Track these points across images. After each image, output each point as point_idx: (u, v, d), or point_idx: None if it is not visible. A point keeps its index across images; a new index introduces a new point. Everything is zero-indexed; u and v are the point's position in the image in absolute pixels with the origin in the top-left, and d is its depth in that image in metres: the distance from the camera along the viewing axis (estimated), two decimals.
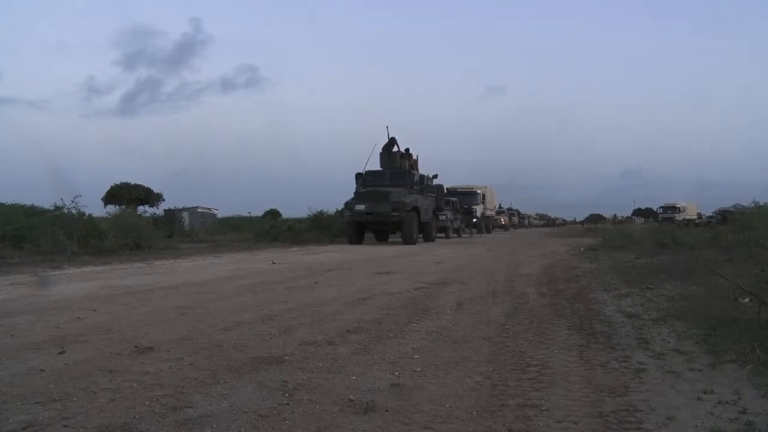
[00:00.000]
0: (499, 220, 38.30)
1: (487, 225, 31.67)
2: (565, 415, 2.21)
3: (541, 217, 73.97)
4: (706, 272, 6.07)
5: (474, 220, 27.69)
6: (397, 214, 16.57)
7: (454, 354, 3.17)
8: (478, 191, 29.41)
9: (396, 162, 18.69)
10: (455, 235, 23.30)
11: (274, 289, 5.95)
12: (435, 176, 20.01)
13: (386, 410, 2.25)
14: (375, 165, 18.86)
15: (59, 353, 3.07)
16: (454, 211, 23.21)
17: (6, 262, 8.61)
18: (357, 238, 17.34)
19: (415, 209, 17.42)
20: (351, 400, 2.36)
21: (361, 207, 16.86)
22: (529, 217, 59.63)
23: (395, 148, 19.05)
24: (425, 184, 18.98)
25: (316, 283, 6.55)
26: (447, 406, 2.31)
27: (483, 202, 29.70)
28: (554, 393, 2.47)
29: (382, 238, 19.38)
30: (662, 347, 3.29)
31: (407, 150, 19.38)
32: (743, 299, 4.24)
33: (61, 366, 2.81)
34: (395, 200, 16.65)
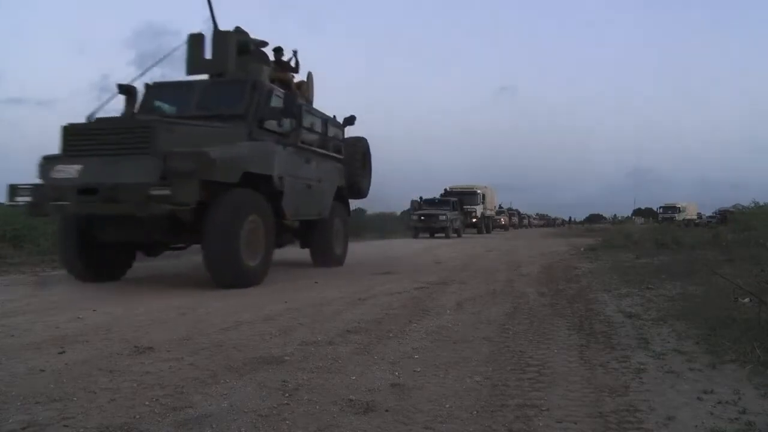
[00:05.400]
0: (499, 220, 38.32)
1: (487, 225, 31.67)
2: (565, 415, 2.21)
3: (541, 217, 74.04)
4: (706, 272, 6.07)
5: (474, 220, 27.72)
6: (166, 192, 5.15)
7: (454, 354, 3.17)
8: (478, 191, 29.39)
9: (224, 58, 7.07)
10: (455, 235, 23.30)
11: (274, 289, 5.95)
12: (351, 120, 9.15)
13: (386, 410, 2.25)
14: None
15: (59, 353, 3.06)
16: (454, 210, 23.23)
17: (6, 262, 8.61)
18: (81, 266, 6.22)
19: (265, 181, 6.45)
20: (351, 400, 2.36)
21: (68, 171, 5.45)
22: (529, 217, 59.67)
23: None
24: (326, 135, 8.38)
25: (316, 282, 6.55)
26: (447, 406, 2.31)
27: (483, 202, 29.70)
28: (554, 393, 2.47)
29: (150, 253, 7.10)
30: (662, 347, 3.29)
31: (278, 50, 8.25)
32: (743, 299, 4.24)
33: (61, 366, 2.81)
34: (170, 150, 5.31)
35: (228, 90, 6.92)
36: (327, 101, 8.53)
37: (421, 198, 24.44)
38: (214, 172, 5.49)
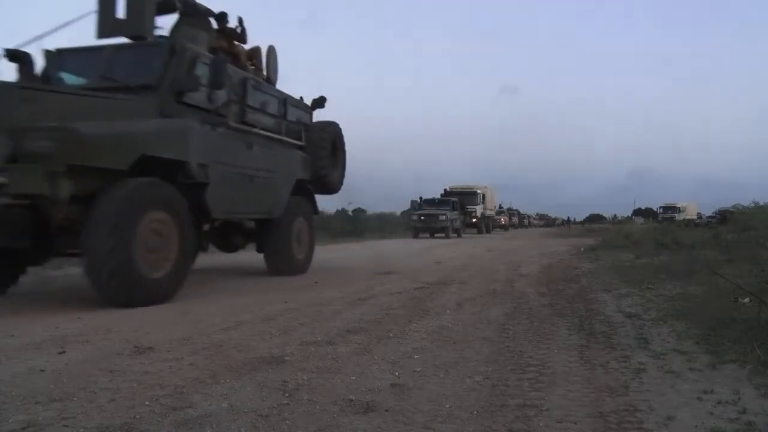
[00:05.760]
0: (499, 220, 38.35)
1: (487, 225, 31.69)
2: (565, 415, 2.21)
3: (541, 217, 74.09)
4: (706, 272, 6.07)
5: (474, 220, 27.75)
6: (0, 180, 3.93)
7: (454, 354, 3.17)
8: (478, 191, 29.42)
9: (140, 18, 5.49)
10: (455, 235, 23.31)
11: (274, 289, 5.95)
12: (321, 102, 7.98)
13: (386, 410, 2.25)
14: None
15: (59, 353, 3.06)
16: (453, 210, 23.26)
17: None
18: None
19: (180, 169, 5.09)
20: (351, 400, 2.36)
21: None
22: (529, 217, 59.72)
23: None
24: (284, 117, 7.16)
25: (316, 283, 6.55)
26: (447, 406, 2.31)
27: (483, 202, 29.71)
28: (554, 393, 2.47)
29: (29, 261, 5.21)
30: (662, 347, 3.29)
31: (221, 16, 6.76)
32: (743, 299, 4.24)
33: (61, 366, 2.81)
34: (24, 126, 4.06)
35: (139, 56, 5.57)
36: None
37: (421, 198, 24.47)
38: (88, 155, 4.19)
